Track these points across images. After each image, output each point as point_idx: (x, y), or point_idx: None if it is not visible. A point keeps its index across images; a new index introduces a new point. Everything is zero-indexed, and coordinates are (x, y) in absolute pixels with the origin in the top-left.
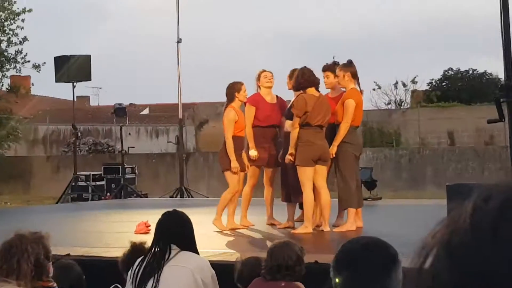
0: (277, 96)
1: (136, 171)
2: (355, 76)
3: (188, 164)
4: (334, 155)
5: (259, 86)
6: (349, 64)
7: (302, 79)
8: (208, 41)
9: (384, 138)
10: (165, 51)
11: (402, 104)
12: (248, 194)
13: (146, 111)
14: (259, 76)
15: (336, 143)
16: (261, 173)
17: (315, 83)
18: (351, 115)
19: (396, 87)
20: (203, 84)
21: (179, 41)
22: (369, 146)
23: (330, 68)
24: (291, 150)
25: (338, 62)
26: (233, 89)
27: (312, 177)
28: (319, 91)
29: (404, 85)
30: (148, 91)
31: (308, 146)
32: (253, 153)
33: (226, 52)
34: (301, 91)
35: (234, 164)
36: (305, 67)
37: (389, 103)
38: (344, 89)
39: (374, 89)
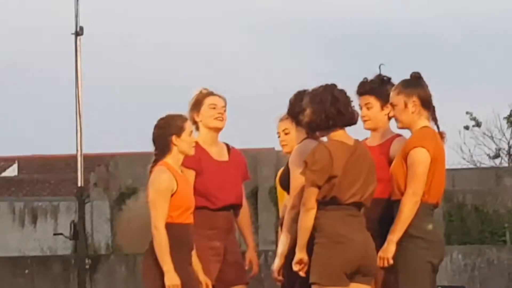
0: (228, 147)
1: None
2: (427, 104)
3: (95, 277)
4: (389, 262)
5: (196, 123)
6: (415, 81)
7: (325, 114)
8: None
9: (488, 226)
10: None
11: None
12: None
13: (13, 170)
14: (197, 102)
15: (393, 237)
16: None
17: (350, 120)
18: (423, 181)
19: (511, 123)
20: (125, 118)
21: (78, 33)
22: (459, 243)
23: (374, 88)
24: (299, 253)
25: (387, 77)
26: (168, 129)
27: None
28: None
29: None
30: (21, 134)
31: (335, 246)
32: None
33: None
34: (315, 136)
35: (171, 279)
36: (327, 85)
37: (497, 156)
38: (401, 131)
39: (467, 128)
